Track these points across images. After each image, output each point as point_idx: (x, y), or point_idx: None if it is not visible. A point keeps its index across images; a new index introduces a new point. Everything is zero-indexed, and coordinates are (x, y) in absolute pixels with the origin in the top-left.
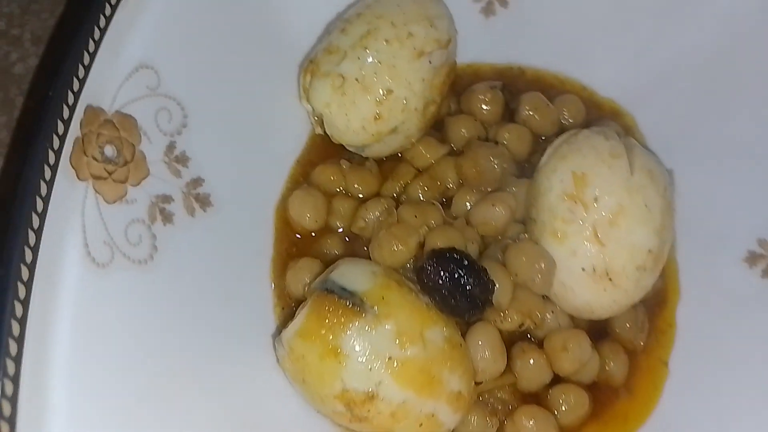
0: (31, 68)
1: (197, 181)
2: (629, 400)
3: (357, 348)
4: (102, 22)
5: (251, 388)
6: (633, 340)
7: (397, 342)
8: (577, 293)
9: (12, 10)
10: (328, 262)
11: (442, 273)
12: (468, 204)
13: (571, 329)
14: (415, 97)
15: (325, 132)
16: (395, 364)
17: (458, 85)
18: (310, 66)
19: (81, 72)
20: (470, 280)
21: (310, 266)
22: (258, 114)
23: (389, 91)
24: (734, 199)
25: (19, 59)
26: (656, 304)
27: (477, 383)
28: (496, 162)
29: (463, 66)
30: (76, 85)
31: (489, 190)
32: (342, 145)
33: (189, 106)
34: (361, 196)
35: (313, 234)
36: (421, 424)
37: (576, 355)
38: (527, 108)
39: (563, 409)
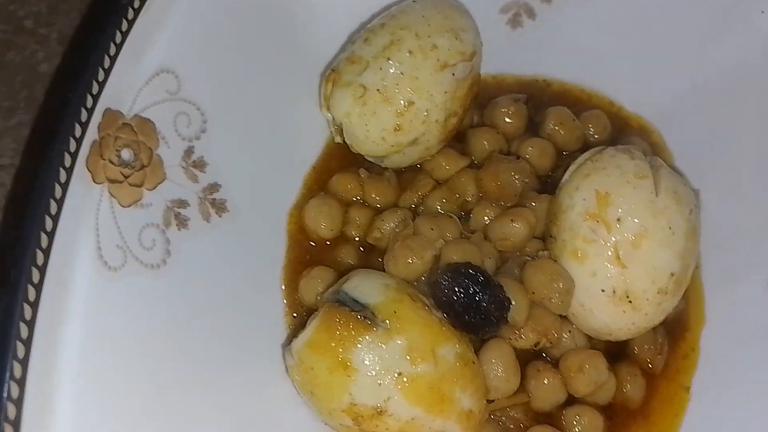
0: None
1: (214, 187)
2: (645, 426)
3: (367, 362)
4: (124, 26)
5: (260, 398)
6: (651, 362)
7: (408, 358)
8: (595, 314)
9: (40, 9)
10: (342, 272)
11: (456, 288)
12: (487, 218)
13: (588, 350)
14: (437, 109)
15: (344, 141)
16: (405, 380)
17: (482, 96)
18: (331, 75)
19: (101, 75)
20: (485, 296)
21: (324, 275)
22: (277, 120)
23: (410, 103)
24: (761, 222)
25: (45, 58)
26: (678, 328)
27: (489, 401)
28: (517, 177)
29: (488, 77)
30: (95, 89)
31: (508, 205)
32: (360, 155)
33: (208, 112)
34: (378, 206)
35: (328, 243)
36: None
37: (592, 377)
38: (552, 122)
39: (577, 431)
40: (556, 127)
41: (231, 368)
